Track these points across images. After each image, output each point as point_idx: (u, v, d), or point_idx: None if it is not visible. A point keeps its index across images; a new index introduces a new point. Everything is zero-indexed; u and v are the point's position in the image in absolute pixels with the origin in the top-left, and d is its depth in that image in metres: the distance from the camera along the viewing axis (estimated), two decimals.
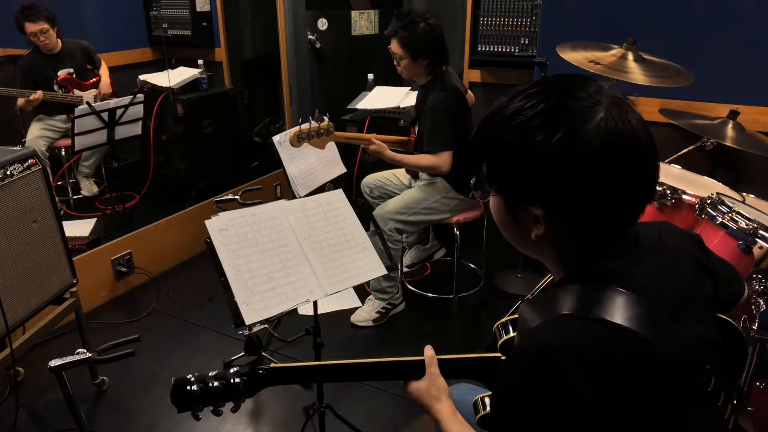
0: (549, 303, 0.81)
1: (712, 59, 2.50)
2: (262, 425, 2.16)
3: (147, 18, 4.35)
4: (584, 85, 0.80)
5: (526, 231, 0.85)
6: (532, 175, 0.79)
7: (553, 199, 0.79)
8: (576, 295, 0.79)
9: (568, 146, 0.75)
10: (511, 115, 0.80)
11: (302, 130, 2.36)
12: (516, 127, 0.79)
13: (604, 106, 0.76)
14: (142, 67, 4.19)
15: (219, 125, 4.04)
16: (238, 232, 1.58)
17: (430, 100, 2.51)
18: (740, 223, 1.72)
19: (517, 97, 0.81)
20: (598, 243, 0.83)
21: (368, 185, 2.95)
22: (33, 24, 3.37)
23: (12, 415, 2.04)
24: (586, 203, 0.78)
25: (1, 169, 1.84)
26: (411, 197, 2.66)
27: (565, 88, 0.79)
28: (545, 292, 0.86)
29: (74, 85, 3.61)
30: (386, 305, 2.75)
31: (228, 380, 1.06)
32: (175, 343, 2.62)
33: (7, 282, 1.86)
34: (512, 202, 0.85)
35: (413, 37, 2.47)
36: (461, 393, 1.37)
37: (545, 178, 0.78)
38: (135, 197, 3.82)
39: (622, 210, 0.80)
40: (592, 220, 0.80)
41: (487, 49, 3.37)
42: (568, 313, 0.76)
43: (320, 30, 3.75)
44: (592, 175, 0.76)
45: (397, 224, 2.62)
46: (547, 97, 0.78)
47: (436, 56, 2.53)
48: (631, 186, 0.78)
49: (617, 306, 0.76)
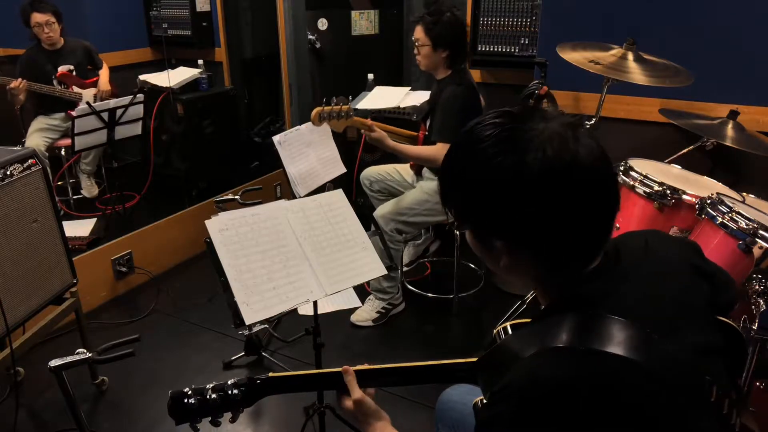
0: (538, 334, 0.81)
1: (712, 59, 2.50)
2: (262, 425, 2.16)
3: (147, 18, 4.35)
4: (535, 115, 0.81)
5: (498, 261, 0.86)
6: (488, 205, 0.80)
7: (509, 230, 0.81)
8: (565, 325, 0.78)
9: (515, 175, 0.77)
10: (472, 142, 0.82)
11: (324, 110, 2.38)
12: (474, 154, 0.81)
13: (545, 135, 0.77)
14: (142, 67, 4.19)
15: (219, 125, 4.04)
16: (238, 232, 1.58)
17: (447, 92, 2.51)
18: (740, 223, 1.72)
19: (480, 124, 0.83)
20: (570, 268, 0.83)
21: (368, 177, 2.95)
22: (41, 14, 3.39)
23: (12, 415, 2.03)
24: (539, 232, 0.79)
25: (1, 169, 1.84)
26: (413, 198, 2.66)
27: (519, 117, 0.81)
28: (533, 322, 0.86)
29: (73, 82, 3.61)
30: (386, 305, 2.75)
31: (226, 392, 1.05)
32: (175, 343, 2.62)
33: (7, 282, 1.86)
34: (478, 235, 0.87)
35: (437, 25, 2.48)
36: (461, 394, 1.37)
37: (499, 209, 0.79)
38: (135, 197, 3.82)
39: (580, 235, 0.80)
40: (552, 247, 0.80)
41: (487, 49, 3.37)
42: (559, 345, 0.76)
43: (320, 30, 3.75)
44: (539, 204, 0.77)
45: (399, 225, 2.62)
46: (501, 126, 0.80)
47: (456, 49, 2.53)
48: (582, 212, 0.78)
49: (606, 333, 0.75)
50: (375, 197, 2.94)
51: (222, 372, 2.40)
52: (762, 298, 1.53)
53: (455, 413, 1.33)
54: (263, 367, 2.46)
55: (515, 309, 2.62)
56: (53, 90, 3.53)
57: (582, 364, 0.74)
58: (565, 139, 0.77)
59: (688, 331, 0.82)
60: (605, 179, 0.80)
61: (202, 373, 2.38)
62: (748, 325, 1.48)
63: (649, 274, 0.86)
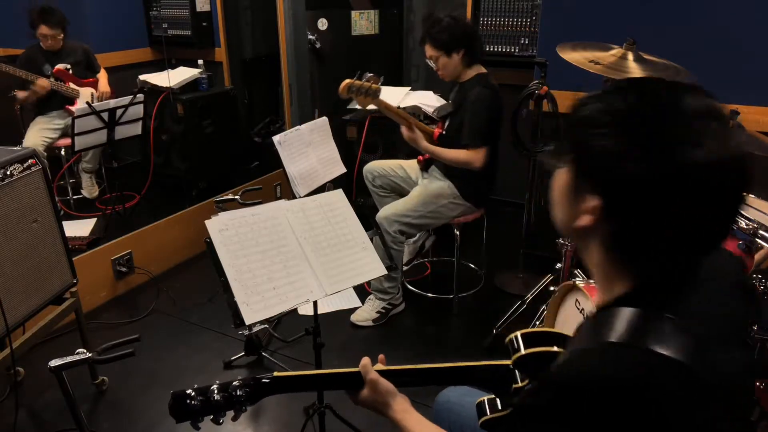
0: (599, 327, 0.76)
1: (712, 59, 2.50)
2: (262, 425, 2.16)
3: (147, 18, 4.35)
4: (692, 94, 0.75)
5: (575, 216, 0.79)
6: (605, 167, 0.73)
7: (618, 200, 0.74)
8: (624, 320, 0.74)
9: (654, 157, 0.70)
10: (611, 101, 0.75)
11: (354, 83, 2.41)
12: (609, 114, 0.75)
13: (711, 124, 0.71)
14: (142, 67, 4.19)
15: (219, 125, 4.04)
16: (238, 232, 1.58)
17: (474, 93, 2.51)
18: (740, 223, 1.72)
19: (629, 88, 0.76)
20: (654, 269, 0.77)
21: (372, 172, 2.93)
22: (49, 29, 3.42)
23: (12, 415, 2.04)
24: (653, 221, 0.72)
25: (1, 169, 1.84)
26: (418, 200, 2.65)
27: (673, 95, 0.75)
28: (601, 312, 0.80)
29: (69, 79, 3.61)
30: (386, 305, 2.75)
31: (230, 392, 1.04)
32: (175, 343, 2.62)
33: (7, 282, 1.86)
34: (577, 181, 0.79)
35: (441, 32, 2.49)
36: (458, 395, 1.36)
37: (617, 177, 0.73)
38: (135, 197, 3.82)
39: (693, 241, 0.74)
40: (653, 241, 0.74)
41: (487, 49, 3.37)
42: (614, 341, 0.72)
43: (320, 30, 3.75)
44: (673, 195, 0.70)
45: (402, 227, 2.62)
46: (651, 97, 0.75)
47: (469, 45, 2.53)
48: (713, 216, 0.72)
49: (667, 335, 0.71)
50: (376, 192, 2.93)
51: (222, 372, 2.40)
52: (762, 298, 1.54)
53: (453, 414, 1.32)
54: (263, 367, 2.46)
55: (515, 309, 2.62)
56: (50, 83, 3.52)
57: (634, 363, 0.70)
58: (730, 133, 0.72)
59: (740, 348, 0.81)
60: (742, 193, 0.74)
61: (202, 373, 2.38)
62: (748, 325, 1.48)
63: (714, 287, 0.83)
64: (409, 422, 1.05)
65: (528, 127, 2.76)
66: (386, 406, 1.08)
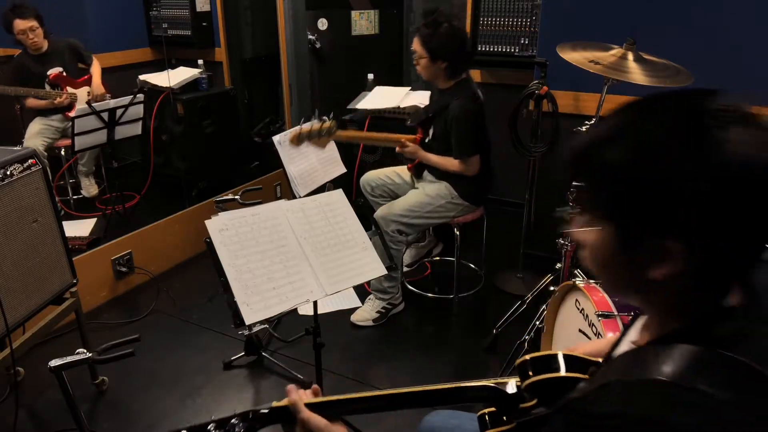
0: (645, 360, 0.69)
1: (712, 59, 2.50)
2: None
3: (147, 18, 4.35)
4: (715, 97, 0.69)
5: (640, 271, 0.69)
6: (668, 203, 0.65)
7: (696, 232, 0.65)
8: (675, 356, 0.66)
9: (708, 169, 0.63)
10: (634, 131, 0.68)
11: (302, 131, 2.36)
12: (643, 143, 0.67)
13: (742, 122, 0.66)
14: (142, 67, 4.19)
15: (219, 125, 4.04)
16: (238, 232, 1.58)
17: (455, 107, 2.49)
18: None
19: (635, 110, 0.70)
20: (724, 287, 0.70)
21: (369, 183, 2.93)
22: (23, 21, 3.37)
23: (12, 415, 2.03)
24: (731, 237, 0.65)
25: (1, 169, 1.84)
26: (416, 201, 2.65)
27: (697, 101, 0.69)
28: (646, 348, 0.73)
29: (66, 83, 3.61)
30: (386, 305, 2.75)
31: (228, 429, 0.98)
32: (175, 343, 2.62)
33: (7, 282, 1.86)
34: (632, 234, 0.70)
35: (434, 36, 2.46)
36: (443, 419, 1.32)
37: (687, 207, 0.64)
38: (135, 197, 3.82)
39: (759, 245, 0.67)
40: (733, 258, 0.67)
41: (487, 49, 3.37)
42: (659, 378, 0.64)
43: (320, 30, 3.75)
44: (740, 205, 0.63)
45: (400, 226, 2.62)
46: (671, 110, 0.68)
47: (454, 60, 2.51)
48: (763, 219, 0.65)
49: (723, 373, 0.63)
50: (376, 202, 2.92)
51: (222, 372, 2.40)
52: None
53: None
54: (263, 367, 2.45)
55: (515, 309, 2.62)
56: (48, 93, 3.52)
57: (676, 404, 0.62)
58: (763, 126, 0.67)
59: None
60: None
61: (202, 373, 2.38)
62: None
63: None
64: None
65: (528, 127, 2.76)
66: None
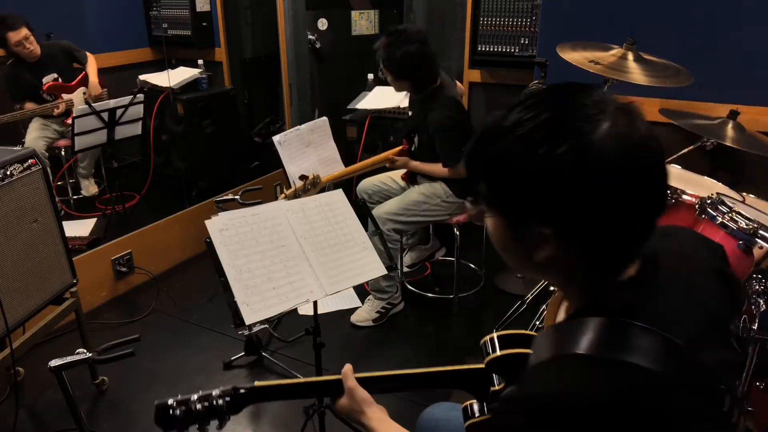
0: (563, 337, 0.75)
1: (712, 59, 2.50)
2: (262, 425, 2.16)
3: (147, 18, 4.35)
4: (587, 91, 0.75)
5: (530, 253, 0.77)
6: (538, 191, 0.72)
7: (564, 217, 0.72)
8: (588, 330, 0.72)
9: (575, 158, 0.69)
10: (510, 127, 0.73)
11: (287, 195, 2.32)
12: (517, 139, 0.72)
13: (610, 114, 0.71)
14: (142, 67, 4.19)
15: (219, 125, 4.04)
16: (238, 232, 1.58)
17: (433, 119, 2.51)
18: (740, 223, 1.72)
19: (515, 109, 0.75)
20: (614, 264, 0.76)
21: (366, 191, 2.93)
22: (15, 33, 3.31)
23: (12, 415, 2.04)
24: (600, 219, 0.71)
25: (1, 169, 1.85)
26: (410, 199, 2.66)
27: (567, 96, 0.74)
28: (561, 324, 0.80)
29: (61, 90, 3.59)
30: (386, 305, 2.75)
31: (211, 402, 1.06)
32: (175, 343, 2.62)
33: (7, 282, 1.86)
34: (515, 221, 0.77)
35: (392, 59, 2.48)
36: (443, 410, 1.35)
37: (553, 194, 0.71)
38: (135, 197, 3.82)
39: (639, 225, 0.74)
40: (607, 237, 0.73)
41: (487, 49, 3.37)
42: (581, 353, 0.71)
43: (320, 30, 3.75)
44: (604, 189, 0.70)
45: (395, 225, 2.62)
46: (548, 106, 0.73)
47: (416, 79, 2.55)
48: (648, 197, 0.73)
49: (633, 343, 0.70)
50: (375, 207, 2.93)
51: (222, 372, 2.40)
52: (762, 298, 1.54)
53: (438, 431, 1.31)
54: (263, 367, 2.46)
55: (515, 309, 2.62)
56: (45, 109, 3.49)
57: (599, 375, 0.69)
58: (631, 118, 0.72)
59: (716, 345, 0.78)
60: (664, 160, 0.75)
61: (202, 373, 2.38)
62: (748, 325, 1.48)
63: (684, 283, 0.81)
64: (384, 429, 1.06)
65: None
66: (362, 414, 1.09)
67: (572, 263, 0.76)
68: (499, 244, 0.83)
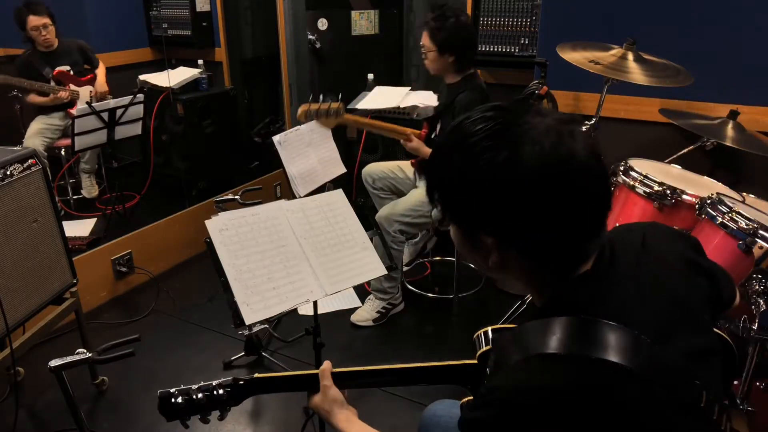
0: (528, 338, 0.79)
1: (712, 59, 2.50)
2: (262, 425, 2.16)
3: (147, 18, 4.35)
4: (529, 110, 0.79)
5: (485, 258, 0.83)
6: (479, 201, 0.77)
7: (502, 226, 0.78)
8: (553, 330, 0.76)
9: (508, 170, 0.74)
10: (462, 137, 0.79)
11: (311, 107, 2.38)
12: (463, 150, 0.78)
13: (541, 129, 0.75)
14: (142, 67, 4.19)
15: (219, 125, 4.04)
16: (238, 232, 1.58)
17: (463, 99, 2.50)
18: (740, 223, 1.72)
19: (470, 119, 0.80)
20: (561, 268, 0.81)
21: (371, 175, 2.93)
22: (37, 17, 3.42)
23: (12, 415, 2.04)
24: (533, 228, 0.76)
25: (1, 169, 1.84)
26: (416, 200, 2.66)
27: (513, 112, 0.79)
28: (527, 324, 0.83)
29: (70, 80, 3.61)
30: (386, 305, 2.75)
31: (212, 392, 1.09)
32: (175, 343, 2.62)
33: (7, 282, 1.86)
34: (466, 230, 0.84)
35: (441, 30, 2.48)
36: (446, 407, 1.37)
37: (490, 204, 0.77)
38: (135, 197, 3.82)
39: (572, 233, 0.78)
40: (543, 245, 0.78)
41: (487, 49, 3.37)
42: (547, 352, 0.74)
43: (320, 30, 3.75)
44: (532, 199, 0.74)
45: (402, 226, 2.62)
46: (494, 121, 0.78)
47: (462, 54, 2.53)
48: (575, 209, 0.76)
49: (596, 339, 0.73)
50: (377, 195, 2.93)
51: (222, 372, 2.40)
52: (762, 298, 1.53)
53: (440, 428, 1.31)
54: (263, 367, 2.46)
55: (515, 309, 2.62)
56: (51, 88, 3.53)
57: (569, 372, 0.72)
58: (561, 133, 0.76)
59: (685, 333, 0.80)
60: (600, 176, 0.78)
61: (202, 373, 2.38)
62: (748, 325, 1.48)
63: (645, 273, 0.83)
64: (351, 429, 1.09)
65: None
66: (329, 413, 1.12)
67: (522, 266, 0.82)
68: (460, 249, 0.88)
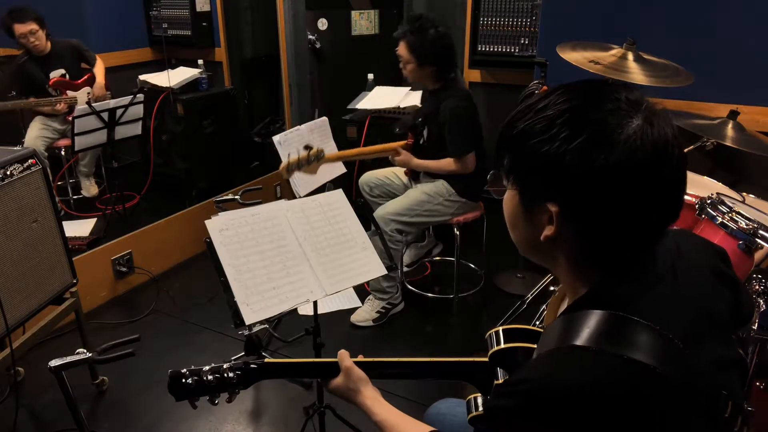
0: (564, 329, 0.77)
1: (712, 59, 2.50)
2: (262, 425, 2.16)
3: (147, 18, 4.35)
4: (624, 89, 0.78)
5: (537, 231, 0.80)
6: (552, 171, 0.75)
7: (572, 198, 0.75)
8: (590, 323, 0.74)
9: (590, 148, 0.72)
10: (542, 108, 0.77)
11: (291, 163, 2.32)
12: (543, 120, 0.76)
13: (642, 114, 0.74)
14: (142, 67, 4.20)
15: (219, 125, 4.04)
16: (238, 232, 1.58)
17: (447, 107, 2.51)
18: (740, 223, 1.72)
19: (554, 93, 0.79)
20: (616, 260, 0.78)
21: (368, 183, 2.94)
22: (22, 25, 3.35)
23: (12, 415, 2.03)
24: (608, 211, 0.74)
25: (1, 169, 1.84)
26: (413, 199, 2.66)
27: (603, 90, 0.77)
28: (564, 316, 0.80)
29: (66, 87, 3.59)
30: (386, 305, 2.75)
31: (222, 375, 1.10)
32: (175, 343, 2.62)
33: (7, 282, 1.86)
34: (529, 196, 0.80)
35: (421, 43, 2.48)
36: (450, 406, 1.37)
37: (565, 177, 0.74)
38: (135, 197, 3.82)
39: (647, 225, 0.76)
40: (612, 231, 0.75)
41: (487, 49, 3.37)
42: (580, 344, 0.72)
43: (320, 30, 3.75)
44: (617, 183, 0.72)
45: (399, 225, 2.62)
46: (580, 95, 0.77)
47: (442, 64, 2.54)
48: (659, 200, 0.75)
49: (631, 337, 0.71)
50: (375, 202, 2.92)
51: None
52: (762, 298, 1.54)
53: (445, 426, 1.31)
54: None
55: (515, 309, 2.62)
56: (50, 102, 3.51)
57: (598, 369, 0.70)
58: (659, 120, 0.75)
59: (712, 343, 0.78)
60: (685, 167, 0.77)
61: None
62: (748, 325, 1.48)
63: (680, 279, 0.82)
64: (378, 408, 1.10)
65: None
66: (357, 392, 1.13)
67: (574, 248, 0.79)
68: (510, 219, 0.86)
